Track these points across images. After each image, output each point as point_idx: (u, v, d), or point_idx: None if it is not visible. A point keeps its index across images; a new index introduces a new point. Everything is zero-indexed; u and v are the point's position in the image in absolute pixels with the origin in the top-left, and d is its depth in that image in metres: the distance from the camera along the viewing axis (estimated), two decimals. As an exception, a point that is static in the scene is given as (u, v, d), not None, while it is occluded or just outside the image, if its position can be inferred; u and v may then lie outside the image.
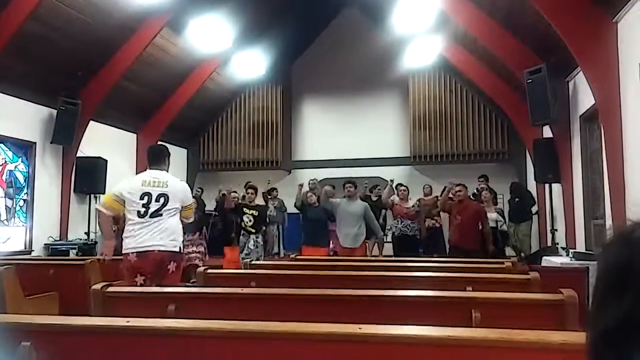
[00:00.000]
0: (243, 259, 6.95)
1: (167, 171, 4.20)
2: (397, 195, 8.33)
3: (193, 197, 8.81)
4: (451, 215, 6.88)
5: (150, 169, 4.17)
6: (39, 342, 1.82)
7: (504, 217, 8.10)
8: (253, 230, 7.17)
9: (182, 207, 4.10)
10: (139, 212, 3.94)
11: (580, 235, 7.31)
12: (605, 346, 0.68)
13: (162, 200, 3.96)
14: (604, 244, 0.75)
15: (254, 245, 7.10)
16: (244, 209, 7.24)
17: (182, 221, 4.16)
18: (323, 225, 7.18)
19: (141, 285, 3.76)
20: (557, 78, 7.50)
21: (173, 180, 4.14)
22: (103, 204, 4.16)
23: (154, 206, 3.94)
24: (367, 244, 7.18)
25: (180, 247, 3.97)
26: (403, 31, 9.47)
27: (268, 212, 10.67)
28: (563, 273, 5.42)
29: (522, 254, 8.39)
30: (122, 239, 4.05)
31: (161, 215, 3.94)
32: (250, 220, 7.16)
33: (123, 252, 4.00)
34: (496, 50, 8.41)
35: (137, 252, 3.87)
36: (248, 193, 7.40)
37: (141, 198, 3.96)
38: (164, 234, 3.89)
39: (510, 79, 8.91)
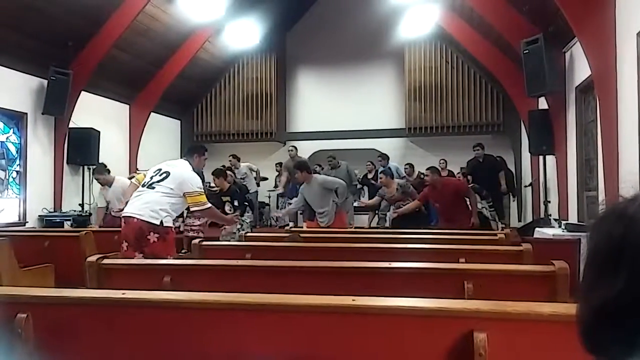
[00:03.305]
0: (223, 234, 6.60)
1: (193, 165, 4.27)
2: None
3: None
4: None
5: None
6: (35, 314, 1.83)
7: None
8: (238, 213, 6.50)
9: (183, 195, 4.08)
10: (144, 182, 4.15)
11: (573, 207, 7.36)
12: (600, 322, 0.68)
13: (163, 175, 4.09)
14: (596, 220, 0.75)
15: (239, 224, 6.56)
16: (222, 198, 6.62)
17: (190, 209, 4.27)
18: None
19: (125, 251, 3.91)
20: (554, 49, 7.42)
21: (183, 166, 4.23)
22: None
23: (154, 179, 4.09)
24: (343, 216, 6.83)
25: (162, 221, 3.93)
26: (399, 0, 9.32)
27: (277, 190, 10.58)
28: (555, 244, 5.47)
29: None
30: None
31: (153, 187, 4.05)
32: (231, 209, 6.54)
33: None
34: (493, 20, 8.29)
35: (123, 218, 4.04)
36: (219, 178, 6.76)
37: (153, 172, 4.18)
38: (147, 205, 3.95)
39: (507, 49, 8.82)
